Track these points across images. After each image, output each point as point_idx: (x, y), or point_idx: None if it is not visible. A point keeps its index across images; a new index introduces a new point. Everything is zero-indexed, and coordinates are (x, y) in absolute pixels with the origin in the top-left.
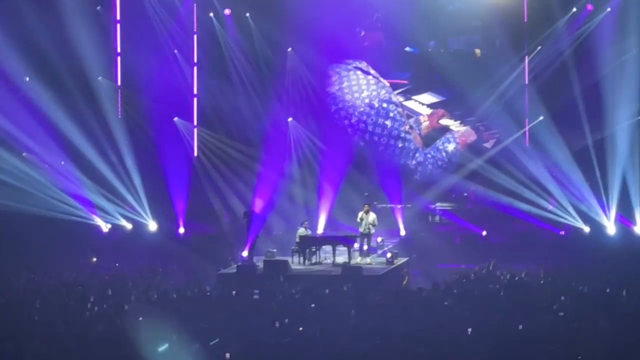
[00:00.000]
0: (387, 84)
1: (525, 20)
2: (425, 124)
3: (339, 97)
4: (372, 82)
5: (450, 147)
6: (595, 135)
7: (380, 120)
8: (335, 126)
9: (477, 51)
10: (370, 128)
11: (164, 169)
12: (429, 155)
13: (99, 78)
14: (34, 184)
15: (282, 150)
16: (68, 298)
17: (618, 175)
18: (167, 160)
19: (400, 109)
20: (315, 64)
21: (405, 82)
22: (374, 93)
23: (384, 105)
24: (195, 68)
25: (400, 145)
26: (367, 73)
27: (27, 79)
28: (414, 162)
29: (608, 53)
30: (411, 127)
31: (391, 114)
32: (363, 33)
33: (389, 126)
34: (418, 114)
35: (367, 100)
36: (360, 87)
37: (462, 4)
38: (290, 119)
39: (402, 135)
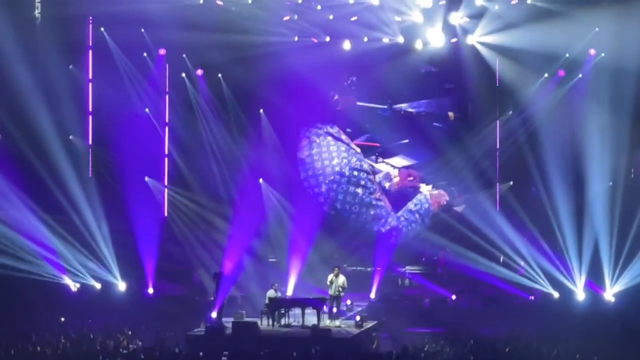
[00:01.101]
0: (359, 150)
1: (497, 84)
2: (395, 179)
3: (308, 163)
4: (343, 148)
5: (424, 207)
6: (566, 201)
7: (351, 189)
8: (306, 193)
9: (451, 114)
10: (340, 197)
11: (134, 228)
12: (402, 219)
13: (71, 137)
14: (2, 242)
15: (252, 211)
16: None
17: (588, 241)
18: (137, 219)
19: (371, 176)
20: (287, 125)
21: (377, 144)
22: (345, 161)
23: (355, 173)
24: (166, 127)
25: (372, 212)
26: (338, 139)
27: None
28: (387, 227)
29: (580, 118)
30: (381, 193)
31: (362, 182)
32: (336, 97)
33: (360, 194)
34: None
35: (337, 169)
36: (330, 154)
37: (435, 67)
38: (261, 180)
39: (374, 202)
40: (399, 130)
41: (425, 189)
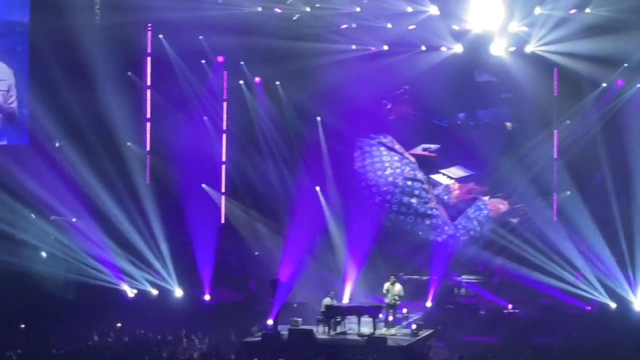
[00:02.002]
0: (413, 160)
1: (555, 94)
2: (455, 192)
3: (361, 174)
4: (396, 158)
5: (482, 214)
6: (622, 210)
7: (405, 199)
8: (360, 203)
9: (508, 124)
10: (395, 207)
11: (191, 235)
12: (460, 226)
13: (128, 143)
14: (62, 248)
15: (309, 219)
16: None
17: None
18: (194, 226)
19: (425, 186)
20: (341, 134)
21: (433, 154)
22: (398, 170)
23: (409, 183)
24: (224, 135)
25: (427, 222)
26: (391, 149)
27: (57, 144)
28: (444, 236)
29: (637, 128)
30: (437, 202)
31: (416, 192)
32: (389, 105)
33: (414, 204)
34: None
35: (390, 179)
36: (383, 164)
37: (493, 76)
38: (317, 188)
39: (429, 212)
40: (455, 140)
41: (484, 198)
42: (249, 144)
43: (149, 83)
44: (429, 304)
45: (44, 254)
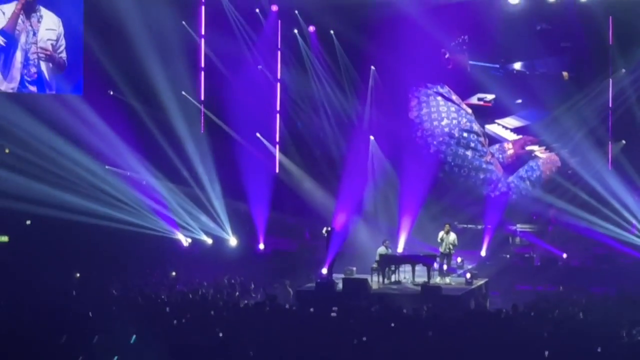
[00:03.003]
0: (470, 111)
1: (611, 42)
2: (509, 152)
3: (417, 124)
4: (453, 109)
5: (535, 175)
6: None
7: (461, 151)
8: (415, 153)
9: (565, 74)
10: (449, 159)
11: (246, 184)
12: (512, 185)
13: (183, 93)
14: (116, 197)
15: (364, 168)
16: (147, 311)
17: None
18: (248, 176)
19: (482, 139)
20: (397, 84)
21: (489, 104)
22: (455, 122)
23: (465, 134)
24: (278, 84)
25: (481, 176)
26: (448, 99)
27: (111, 92)
28: (496, 192)
29: None
30: (493, 156)
31: (472, 144)
32: (447, 55)
33: (469, 157)
34: (501, 138)
35: (446, 129)
36: (440, 114)
37: (550, 24)
38: (371, 137)
39: (484, 166)
40: (511, 90)
41: (538, 150)
42: (303, 93)
43: (203, 32)
44: (483, 253)
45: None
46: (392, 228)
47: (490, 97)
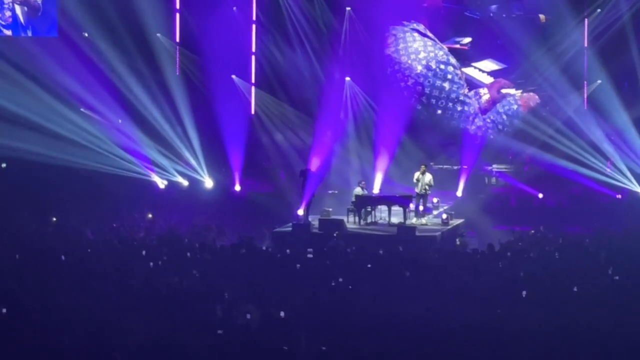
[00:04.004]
0: (446, 49)
1: None
2: (485, 97)
3: (395, 59)
4: (430, 43)
5: (512, 109)
6: None
7: (438, 83)
8: (392, 88)
9: (542, 16)
10: (427, 91)
11: (221, 126)
12: (489, 120)
13: (158, 35)
14: (92, 140)
15: (339, 109)
16: (123, 253)
17: None
18: (224, 118)
19: (459, 71)
20: (373, 24)
21: (465, 47)
22: (432, 54)
23: (442, 67)
24: (253, 26)
25: (459, 108)
26: (424, 35)
27: (86, 34)
28: (473, 127)
29: None
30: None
31: (449, 76)
32: None
33: (447, 88)
34: (478, 81)
35: (424, 62)
36: (417, 49)
37: None
38: (347, 78)
39: (461, 98)
40: (488, 33)
41: (514, 93)
42: (278, 35)
43: None
44: (459, 193)
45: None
46: (369, 169)
47: (466, 40)
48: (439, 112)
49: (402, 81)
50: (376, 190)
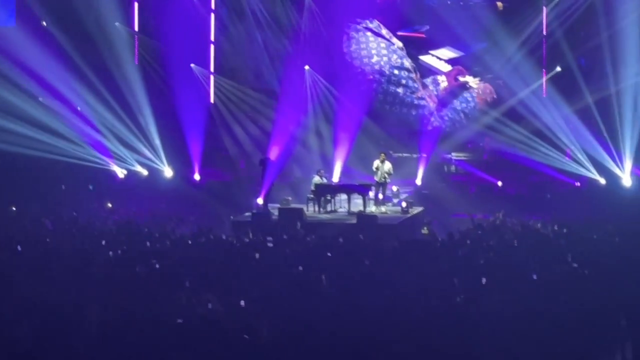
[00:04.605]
0: (401, 45)
1: None
2: (443, 84)
3: (348, 61)
4: (383, 45)
5: (470, 106)
6: (613, 87)
7: (392, 89)
8: (349, 86)
9: (499, 4)
10: (380, 97)
11: (180, 115)
12: (446, 118)
13: (116, 24)
14: (51, 130)
15: (299, 98)
16: (82, 243)
17: (635, 127)
18: (183, 106)
19: (413, 74)
20: (330, 16)
21: (422, 35)
22: (385, 59)
23: (395, 72)
24: (212, 15)
25: (414, 112)
26: (378, 34)
27: (44, 23)
28: (430, 127)
29: (628, 3)
30: (426, 88)
31: (403, 81)
32: None
33: (400, 94)
34: (435, 69)
35: (377, 67)
36: (369, 51)
37: None
38: (307, 67)
39: (415, 102)
40: (445, 21)
41: (472, 82)
42: (237, 24)
43: None
44: (418, 181)
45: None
46: (328, 157)
47: (423, 27)
48: (393, 116)
49: (356, 85)
50: (336, 178)
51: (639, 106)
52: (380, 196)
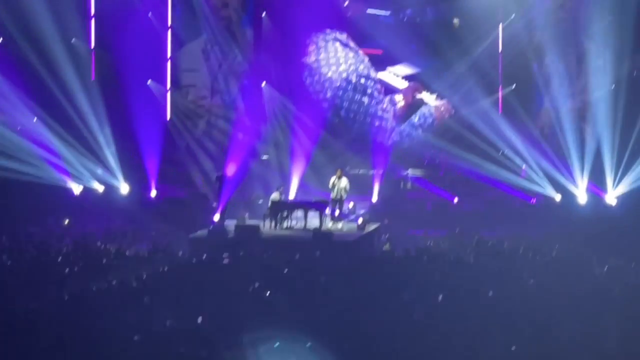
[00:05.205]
0: (367, 58)
1: None
2: (400, 103)
3: (314, 69)
4: (351, 55)
5: (427, 122)
6: (568, 104)
7: (357, 97)
8: (309, 98)
9: (455, 21)
10: (345, 104)
11: (137, 131)
12: (405, 133)
13: (73, 40)
14: (6, 145)
15: (257, 114)
16: (39, 259)
17: (591, 144)
18: (140, 123)
19: (378, 86)
20: (292, 31)
21: (379, 51)
22: (352, 67)
23: (362, 81)
24: (169, 31)
25: (376, 124)
26: (346, 45)
27: (0, 39)
28: (390, 141)
29: (584, 20)
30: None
31: (369, 91)
32: (347, 2)
33: (365, 103)
34: (392, 86)
35: (344, 75)
36: (338, 60)
37: None
38: (264, 84)
39: (379, 113)
40: (403, 37)
41: (429, 98)
42: (194, 40)
43: None
44: (374, 198)
45: None
46: (285, 174)
47: (381, 44)
48: (356, 126)
49: (320, 92)
50: (292, 195)
51: (596, 123)
52: (337, 213)
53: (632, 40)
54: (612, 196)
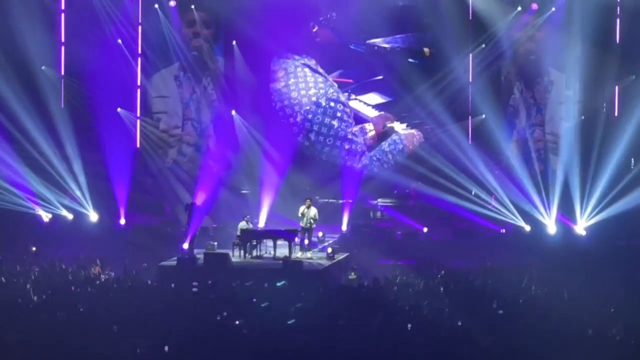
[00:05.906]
0: (336, 85)
1: (470, 18)
2: (371, 133)
3: (284, 94)
4: (320, 80)
5: (398, 148)
6: (537, 134)
7: (327, 120)
8: (279, 123)
9: (426, 50)
10: (315, 128)
11: (106, 159)
12: (375, 158)
13: (43, 67)
14: None
15: (227, 142)
16: (7, 287)
17: (560, 175)
18: (109, 150)
19: (348, 109)
20: (262, 58)
21: (350, 80)
22: (322, 91)
23: (332, 104)
24: (139, 59)
25: (346, 147)
26: (315, 71)
27: None
28: (359, 165)
29: (554, 52)
30: (356, 133)
31: (338, 114)
32: (316, 28)
33: (335, 126)
34: (362, 115)
35: (314, 99)
36: (307, 84)
37: (413, 0)
38: (233, 112)
39: (349, 136)
40: (372, 66)
41: (399, 127)
42: (164, 68)
43: (63, 6)
44: (344, 227)
45: None
46: (254, 203)
47: (351, 73)
48: (327, 149)
49: (290, 117)
50: (261, 224)
51: (564, 153)
52: (306, 242)
53: (601, 71)
54: (581, 226)
